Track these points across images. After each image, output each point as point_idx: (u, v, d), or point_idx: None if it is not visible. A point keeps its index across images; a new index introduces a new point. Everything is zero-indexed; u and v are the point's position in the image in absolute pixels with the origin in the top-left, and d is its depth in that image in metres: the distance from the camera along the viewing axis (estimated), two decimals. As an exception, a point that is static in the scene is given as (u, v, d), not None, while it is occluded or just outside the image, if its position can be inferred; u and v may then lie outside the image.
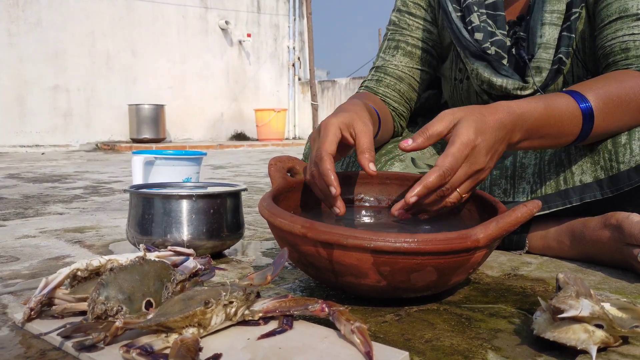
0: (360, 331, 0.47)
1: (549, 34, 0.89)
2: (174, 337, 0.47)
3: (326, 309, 0.51)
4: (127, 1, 6.27)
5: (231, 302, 0.51)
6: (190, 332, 0.48)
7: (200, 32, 7.00)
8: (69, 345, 0.48)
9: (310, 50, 7.37)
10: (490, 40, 0.93)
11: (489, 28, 0.94)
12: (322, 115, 7.27)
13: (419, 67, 1.07)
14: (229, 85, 7.37)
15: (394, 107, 1.05)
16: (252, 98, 7.62)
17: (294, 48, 8.11)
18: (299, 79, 8.16)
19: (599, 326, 0.47)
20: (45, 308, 0.55)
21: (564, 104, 0.73)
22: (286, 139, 7.55)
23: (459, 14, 0.96)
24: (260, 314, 0.53)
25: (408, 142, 0.66)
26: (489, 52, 0.92)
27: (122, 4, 6.22)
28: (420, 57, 1.07)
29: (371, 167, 0.68)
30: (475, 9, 0.94)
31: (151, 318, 0.49)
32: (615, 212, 0.76)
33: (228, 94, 7.36)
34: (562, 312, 0.47)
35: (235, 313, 0.51)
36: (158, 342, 0.46)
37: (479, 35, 0.93)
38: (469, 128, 0.63)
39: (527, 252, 0.89)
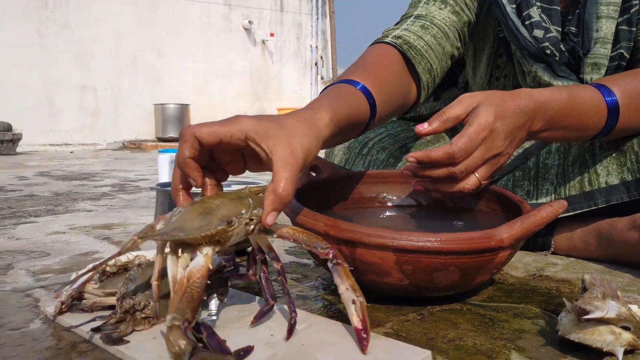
0: (362, 308, 0.47)
1: (607, 27, 0.84)
2: (186, 257, 0.46)
3: (330, 255, 0.49)
4: (152, 1, 6.36)
5: (252, 220, 0.49)
6: (205, 251, 0.46)
7: (224, 31, 7.06)
8: (97, 338, 0.49)
9: (332, 49, 7.37)
10: (546, 36, 0.86)
11: (544, 24, 0.87)
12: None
13: (460, 36, 0.91)
14: (252, 84, 7.42)
15: (430, 66, 0.84)
16: (274, 97, 7.66)
17: (316, 47, 8.12)
18: (322, 78, 8.16)
19: (626, 328, 0.47)
20: (75, 302, 0.56)
21: (588, 95, 0.71)
22: (309, 137, 7.56)
23: (513, 5, 0.88)
24: (275, 235, 0.52)
25: (424, 126, 0.63)
26: (547, 52, 0.86)
27: (146, 4, 6.32)
28: (463, 25, 0.91)
29: (269, 220, 0.50)
30: (534, 1, 0.87)
31: (167, 231, 0.46)
32: (644, 213, 0.74)
33: (251, 93, 7.41)
34: (587, 313, 0.46)
35: (253, 230, 0.50)
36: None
37: (538, 33, 0.86)
38: (488, 111, 0.61)
39: (553, 253, 0.88)
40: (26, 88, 5.47)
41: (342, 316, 0.58)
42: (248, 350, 0.44)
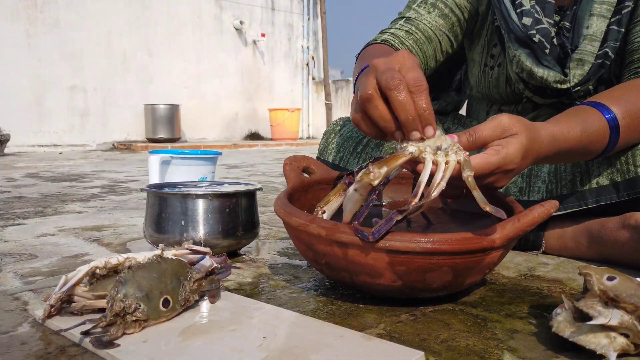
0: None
1: (597, 25, 0.86)
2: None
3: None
4: (143, 1, 6.33)
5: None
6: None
7: (215, 31, 7.04)
8: (87, 341, 0.49)
9: (324, 50, 7.37)
10: (536, 27, 0.89)
11: (536, 15, 0.89)
12: (336, 115, 7.27)
13: (448, 35, 1.00)
14: (244, 84, 7.40)
15: None
16: (266, 98, 7.64)
17: (308, 47, 8.12)
18: (313, 79, 8.17)
19: (625, 335, 0.47)
20: (64, 305, 0.56)
21: (597, 127, 0.71)
22: (300, 138, 7.56)
23: None
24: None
25: (454, 138, 0.59)
26: (534, 39, 0.88)
27: (137, 4, 6.28)
28: (453, 23, 0.99)
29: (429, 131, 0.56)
30: None
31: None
32: (634, 213, 0.75)
33: (242, 93, 7.39)
34: (590, 318, 0.47)
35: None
36: None
37: (527, 20, 0.89)
38: (518, 149, 0.58)
39: (544, 253, 0.88)
40: (14, 88, 5.41)
41: (335, 317, 0.58)
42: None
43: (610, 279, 0.48)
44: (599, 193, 0.80)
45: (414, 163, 0.57)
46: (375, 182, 0.55)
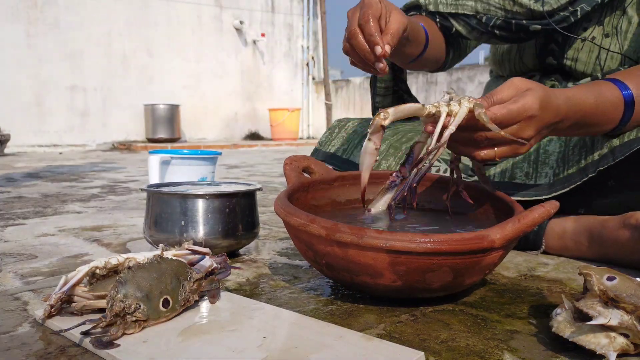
0: None
1: None
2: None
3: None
4: (143, 1, 6.33)
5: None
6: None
7: (215, 31, 7.04)
8: (88, 342, 0.49)
9: (324, 50, 7.37)
10: None
11: None
12: (336, 115, 7.26)
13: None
14: (243, 84, 7.40)
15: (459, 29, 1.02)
16: (266, 97, 7.64)
17: (307, 47, 8.11)
18: (313, 78, 8.16)
19: (625, 335, 0.47)
20: (64, 305, 0.56)
21: (611, 95, 0.74)
22: (300, 138, 7.56)
23: None
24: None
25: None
26: None
27: (137, 4, 6.28)
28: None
29: (385, 48, 0.72)
30: None
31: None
32: (635, 212, 0.75)
33: (242, 93, 7.39)
34: (590, 318, 0.47)
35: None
36: None
37: None
38: (535, 97, 0.63)
39: (544, 253, 0.88)
40: (15, 89, 5.41)
41: (335, 318, 0.58)
42: None
43: (610, 279, 0.48)
44: (599, 163, 0.80)
45: (429, 122, 0.64)
46: (386, 122, 0.60)
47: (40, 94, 5.62)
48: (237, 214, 0.83)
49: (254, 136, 7.52)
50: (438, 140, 0.61)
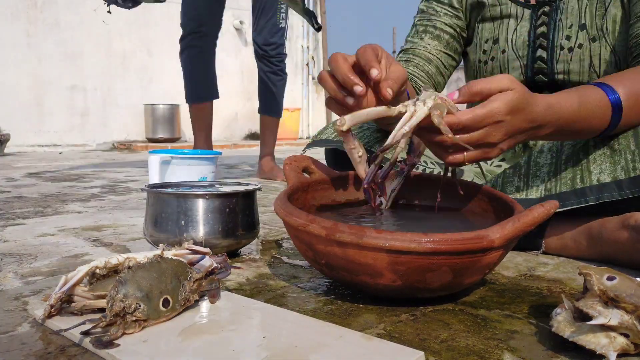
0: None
1: None
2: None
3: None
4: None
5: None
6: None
7: (215, 31, 7.04)
8: (87, 341, 0.49)
9: (324, 50, 7.37)
10: None
11: None
12: (336, 115, 7.26)
13: (446, 52, 1.10)
14: (244, 84, 7.40)
15: (418, 86, 1.05)
16: (266, 97, 7.64)
17: (307, 47, 8.11)
18: (313, 79, 8.16)
19: (625, 335, 0.47)
20: (64, 305, 0.55)
21: (596, 99, 0.73)
22: (300, 138, 7.55)
23: None
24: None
25: (454, 95, 0.65)
26: None
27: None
28: (448, 41, 1.10)
29: (388, 91, 0.67)
30: None
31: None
32: (635, 213, 0.75)
33: (242, 93, 7.39)
34: (590, 318, 0.47)
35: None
36: None
37: None
38: (504, 103, 0.62)
39: (544, 253, 0.88)
40: (14, 88, 5.41)
41: (335, 318, 0.58)
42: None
43: (610, 279, 0.48)
44: (601, 190, 0.79)
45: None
46: (344, 128, 0.64)
47: (40, 94, 5.62)
48: (237, 213, 0.83)
49: (254, 136, 7.52)
50: (392, 139, 0.62)
